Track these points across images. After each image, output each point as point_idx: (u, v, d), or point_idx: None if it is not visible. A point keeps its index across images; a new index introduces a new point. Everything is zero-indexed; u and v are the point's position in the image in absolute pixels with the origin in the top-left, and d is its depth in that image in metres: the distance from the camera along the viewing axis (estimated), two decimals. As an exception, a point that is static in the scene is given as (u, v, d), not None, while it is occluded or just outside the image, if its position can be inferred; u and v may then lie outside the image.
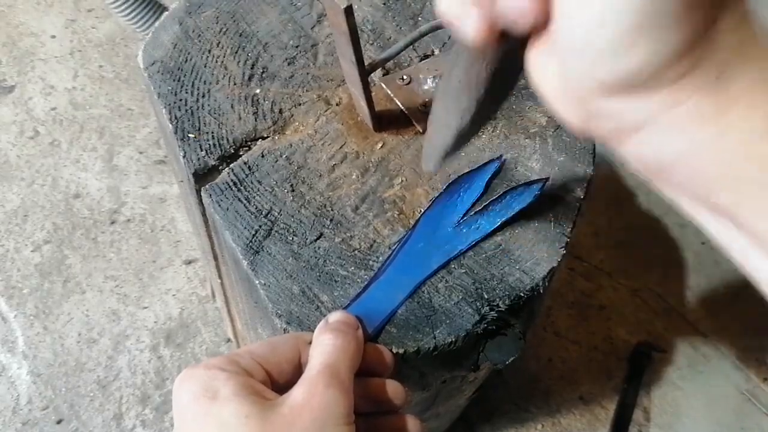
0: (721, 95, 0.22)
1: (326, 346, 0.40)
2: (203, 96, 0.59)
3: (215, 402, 0.35)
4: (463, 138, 0.38)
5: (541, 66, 0.27)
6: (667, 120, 0.23)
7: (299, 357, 0.42)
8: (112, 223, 1.44)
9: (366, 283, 0.50)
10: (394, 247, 0.52)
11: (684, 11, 0.21)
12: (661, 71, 0.22)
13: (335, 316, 0.45)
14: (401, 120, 0.59)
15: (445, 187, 0.54)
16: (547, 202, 0.55)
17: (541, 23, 0.24)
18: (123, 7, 1.31)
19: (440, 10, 0.27)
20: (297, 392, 0.37)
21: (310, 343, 0.42)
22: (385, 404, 0.43)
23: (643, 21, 0.21)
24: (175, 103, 0.58)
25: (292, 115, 0.59)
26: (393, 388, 0.43)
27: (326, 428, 0.36)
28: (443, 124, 0.38)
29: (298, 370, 0.41)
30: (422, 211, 0.54)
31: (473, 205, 0.53)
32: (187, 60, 0.61)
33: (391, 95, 0.60)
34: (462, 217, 0.52)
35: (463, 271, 0.51)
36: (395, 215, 0.54)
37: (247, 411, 0.35)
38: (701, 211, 0.27)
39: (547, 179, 0.53)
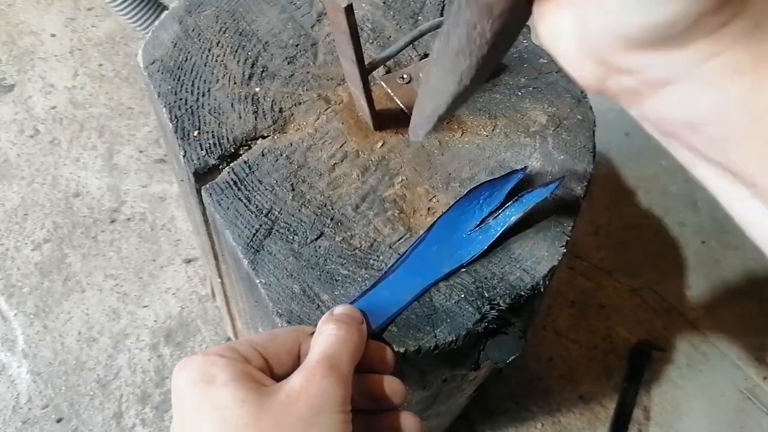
0: (760, 46, 0.21)
1: (328, 336, 0.40)
2: (203, 95, 0.59)
3: (212, 386, 0.35)
4: (457, 102, 0.36)
5: (553, 19, 0.25)
6: (701, 73, 0.22)
7: (299, 348, 0.42)
8: (112, 221, 1.44)
9: (375, 280, 0.50)
10: (407, 248, 0.51)
11: None
12: (699, 21, 0.20)
13: (340, 309, 0.45)
14: (401, 119, 0.59)
15: (465, 192, 0.53)
16: (548, 201, 0.55)
17: None
18: (123, 6, 1.31)
19: None
20: (294, 379, 0.37)
21: (312, 334, 0.42)
22: (385, 401, 0.43)
23: None
24: (175, 102, 0.58)
25: (293, 114, 0.59)
26: (393, 385, 0.43)
27: (321, 415, 0.36)
28: (437, 89, 0.36)
29: (296, 361, 0.41)
30: (437, 213, 0.54)
31: (491, 213, 0.52)
32: (187, 59, 0.61)
33: (391, 94, 0.60)
34: (478, 225, 0.52)
35: (464, 270, 0.51)
36: (396, 214, 0.54)
37: (243, 396, 0.35)
38: (715, 173, 0.25)
39: (563, 178, 0.52)
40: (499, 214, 0.51)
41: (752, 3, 0.20)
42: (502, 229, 0.51)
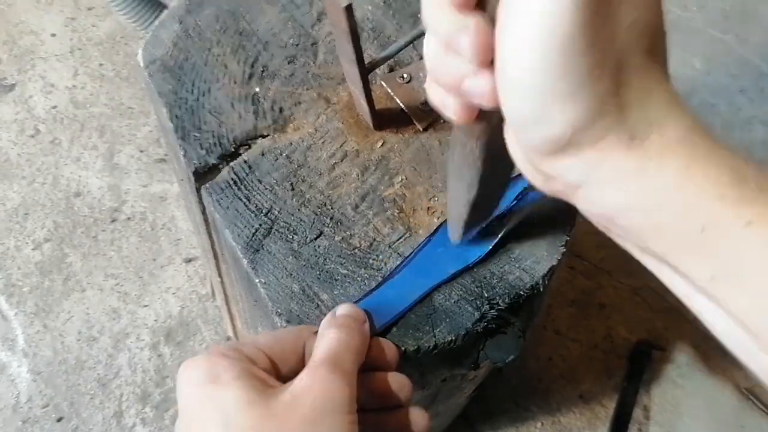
0: (638, 153, 0.26)
1: (331, 339, 0.40)
2: (203, 95, 0.59)
3: (217, 386, 0.36)
4: (477, 209, 0.40)
5: (509, 139, 0.31)
6: (597, 177, 0.27)
7: (303, 348, 0.42)
8: (113, 221, 1.44)
9: (381, 281, 0.50)
10: (413, 250, 0.51)
11: (585, 84, 0.24)
12: (579, 134, 0.26)
13: (343, 309, 0.45)
14: (401, 118, 0.59)
15: None
16: (547, 200, 0.55)
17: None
18: (123, 6, 1.31)
19: (429, 100, 0.32)
20: (299, 380, 0.37)
21: (316, 333, 0.42)
22: (391, 399, 0.43)
23: (553, 93, 0.25)
24: (175, 101, 0.58)
25: (292, 114, 0.59)
26: (398, 382, 0.43)
27: (326, 415, 0.36)
28: (455, 197, 0.41)
29: (301, 361, 0.41)
30: (437, 213, 0.54)
31: (497, 216, 0.52)
32: (187, 59, 0.61)
33: (392, 94, 0.60)
34: (484, 228, 0.52)
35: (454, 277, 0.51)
36: (395, 214, 0.54)
37: (248, 397, 0.35)
38: (646, 257, 0.30)
39: None
40: (505, 215, 0.52)
41: (626, 118, 0.25)
42: (506, 230, 0.51)
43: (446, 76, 0.29)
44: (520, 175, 0.53)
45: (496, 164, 0.36)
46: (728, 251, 0.25)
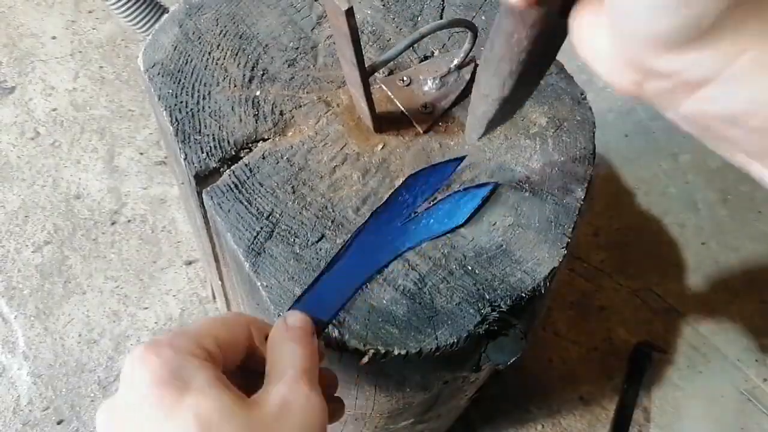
0: None
1: (297, 355, 0.39)
2: (204, 98, 0.59)
3: (188, 393, 0.33)
4: (506, 107, 0.38)
5: (587, 29, 0.26)
6: (732, 71, 0.23)
7: (249, 339, 0.41)
8: (113, 223, 1.44)
9: (318, 273, 0.50)
10: (346, 241, 0.52)
11: None
12: (720, 20, 0.22)
13: (294, 319, 0.43)
14: (402, 121, 0.59)
15: (402, 182, 0.55)
16: (548, 202, 0.55)
17: None
18: (123, 9, 1.31)
19: None
20: (277, 393, 0.36)
21: (265, 335, 0.42)
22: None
23: None
24: (175, 105, 0.58)
25: (293, 117, 0.59)
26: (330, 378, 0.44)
27: None
28: (485, 93, 0.38)
29: (245, 353, 0.40)
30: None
31: (423, 203, 0.54)
32: (187, 62, 0.61)
33: (392, 96, 0.60)
34: (411, 214, 0.53)
35: (464, 272, 0.51)
36: (396, 216, 0.54)
37: (228, 407, 0.33)
38: (759, 164, 0.26)
39: (497, 183, 0.55)
40: (431, 205, 0.53)
41: (765, 4, 0.22)
42: (439, 230, 0.53)
43: None
44: (450, 160, 0.55)
45: (538, 61, 0.34)
46: None
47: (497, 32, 0.33)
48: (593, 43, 0.27)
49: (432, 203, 0.54)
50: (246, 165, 0.56)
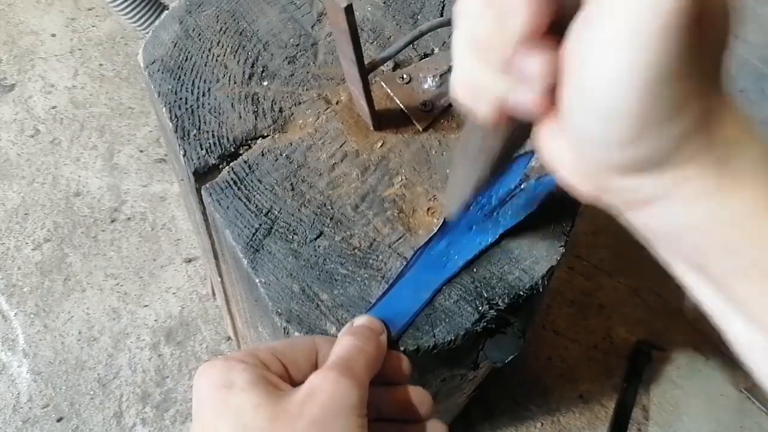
0: (723, 175, 0.25)
1: (345, 344, 0.41)
2: (203, 95, 0.59)
3: (231, 391, 0.37)
4: (479, 189, 0.41)
5: (550, 141, 0.29)
6: (675, 196, 0.26)
7: (316, 355, 0.43)
8: (113, 221, 1.44)
9: (390, 282, 0.50)
10: (419, 247, 0.51)
11: (681, 109, 0.23)
12: (668, 157, 0.25)
13: (361, 320, 0.46)
14: (401, 119, 0.59)
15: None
16: (547, 200, 0.55)
17: (549, 109, 0.26)
18: (123, 6, 1.31)
19: (454, 95, 0.29)
20: (309, 382, 0.38)
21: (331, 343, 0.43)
22: (411, 412, 0.43)
23: (646, 118, 0.23)
24: (175, 101, 0.58)
25: (293, 114, 0.59)
26: (420, 396, 0.44)
27: (336, 417, 0.36)
28: (463, 180, 0.42)
29: (314, 368, 0.42)
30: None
31: (500, 202, 0.53)
32: (187, 59, 0.61)
33: (391, 94, 0.60)
34: (485, 216, 0.52)
35: (463, 269, 0.51)
36: (395, 214, 0.54)
37: (259, 400, 0.36)
38: (692, 276, 0.30)
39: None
40: (507, 201, 0.52)
41: (713, 140, 0.25)
42: (514, 220, 0.52)
43: (487, 89, 0.27)
44: (522, 154, 0.54)
45: (512, 154, 0.37)
46: None
47: (473, 134, 0.36)
48: (556, 156, 0.29)
49: (509, 200, 0.53)
50: (245, 162, 0.56)
